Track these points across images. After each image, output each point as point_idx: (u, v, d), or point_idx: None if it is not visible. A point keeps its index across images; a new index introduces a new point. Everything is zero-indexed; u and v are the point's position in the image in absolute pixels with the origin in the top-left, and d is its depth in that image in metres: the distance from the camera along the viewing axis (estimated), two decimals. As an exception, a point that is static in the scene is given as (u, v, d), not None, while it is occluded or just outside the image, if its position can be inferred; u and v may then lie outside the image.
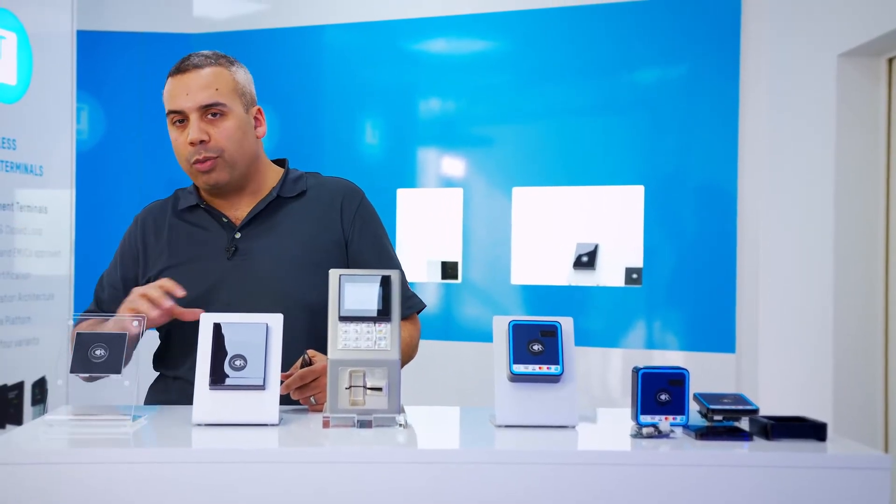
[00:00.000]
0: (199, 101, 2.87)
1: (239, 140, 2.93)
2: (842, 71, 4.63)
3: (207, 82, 2.89)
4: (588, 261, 5.87)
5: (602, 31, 5.76)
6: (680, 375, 2.26)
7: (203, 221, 3.00)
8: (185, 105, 2.87)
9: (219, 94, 2.89)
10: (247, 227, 2.96)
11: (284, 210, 3.00)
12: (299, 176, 3.09)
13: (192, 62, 2.91)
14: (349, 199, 3.05)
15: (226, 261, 2.92)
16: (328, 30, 6.26)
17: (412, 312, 3.06)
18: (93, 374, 2.31)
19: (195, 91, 2.87)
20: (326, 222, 2.99)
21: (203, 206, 3.01)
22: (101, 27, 6.20)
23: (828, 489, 2.04)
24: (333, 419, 2.28)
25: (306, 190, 3.04)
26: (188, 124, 2.88)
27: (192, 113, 2.87)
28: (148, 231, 3.07)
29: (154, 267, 2.98)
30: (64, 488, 2.01)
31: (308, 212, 3.00)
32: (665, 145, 5.61)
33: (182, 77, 2.90)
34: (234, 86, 2.94)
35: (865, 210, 4.66)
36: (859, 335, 4.65)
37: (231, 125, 2.91)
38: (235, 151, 2.92)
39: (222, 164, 2.90)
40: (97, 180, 6.15)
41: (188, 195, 3.05)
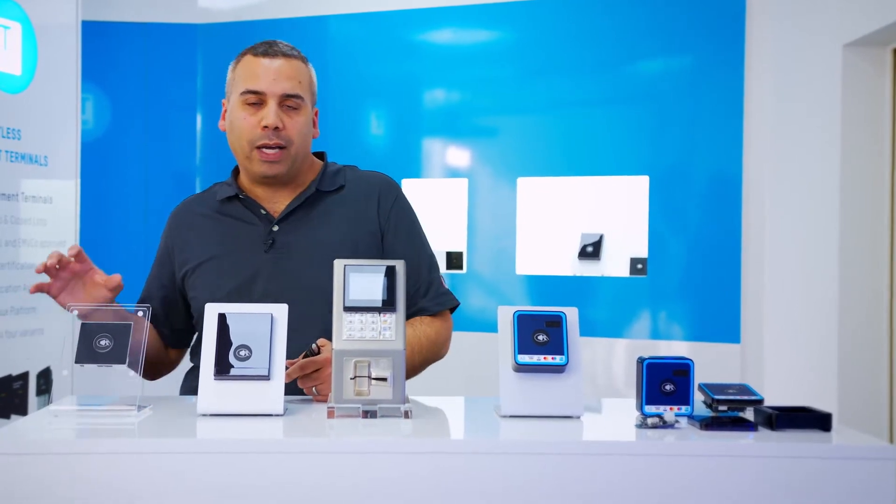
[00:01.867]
0: (284, 88, 2.89)
1: (305, 136, 2.96)
2: (847, 61, 4.63)
3: (293, 73, 2.92)
4: (593, 251, 5.86)
5: (607, 22, 5.75)
6: (685, 366, 2.26)
7: (241, 213, 3.00)
8: (269, 88, 2.88)
9: (301, 86, 2.92)
10: (284, 220, 2.96)
11: (323, 204, 3.00)
12: (338, 170, 3.09)
13: (281, 49, 2.94)
14: (386, 193, 3.05)
15: (263, 254, 2.92)
16: (332, 20, 6.25)
17: (443, 309, 3.03)
18: (98, 364, 2.31)
19: (282, 78, 2.89)
20: (363, 217, 2.99)
21: (242, 196, 3.00)
22: (105, 17, 6.20)
23: (833, 479, 2.04)
24: (338, 409, 2.28)
25: (344, 184, 3.04)
26: (262, 108, 2.89)
27: (271, 98, 2.88)
28: (182, 226, 3.07)
29: (192, 260, 2.99)
30: (69, 478, 2.02)
31: (346, 206, 3.00)
32: (670, 136, 5.61)
33: (270, 60, 2.91)
34: (309, 83, 2.98)
35: (871, 200, 4.66)
36: (864, 325, 4.65)
37: (303, 120, 2.93)
38: (300, 146, 2.94)
39: (287, 156, 2.91)
40: (102, 171, 6.15)
41: (226, 187, 3.05)
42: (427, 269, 3.03)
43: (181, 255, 3.02)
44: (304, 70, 2.96)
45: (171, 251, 3.05)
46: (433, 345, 2.95)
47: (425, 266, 3.03)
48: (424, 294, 2.99)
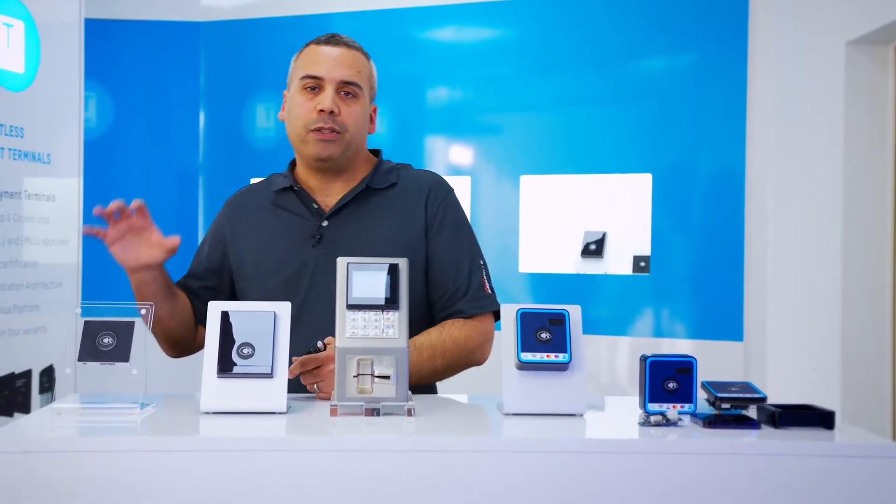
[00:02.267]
0: (342, 75, 2.93)
1: (361, 125, 3.00)
2: (850, 59, 4.63)
3: (353, 62, 2.97)
4: (596, 249, 5.87)
5: (610, 20, 5.75)
6: (688, 363, 2.26)
7: (293, 206, 3.02)
8: (328, 74, 2.93)
9: (359, 75, 2.97)
10: (334, 215, 2.97)
11: (373, 201, 3.01)
12: (391, 168, 3.10)
13: (343, 40, 3.00)
14: (435, 192, 3.05)
15: (310, 248, 2.94)
16: (336, 18, 6.25)
17: (479, 312, 2.96)
18: (101, 362, 2.31)
19: (341, 65, 2.94)
20: (412, 216, 2.99)
21: (296, 188, 3.03)
22: (108, 15, 6.20)
23: (836, 477, 2.04)
24: (341, 407, 2.28)
25: (396, 182, 3.05)
26: (320, 93, 2.93)
27: (329, 84, 2.93)
28: (237, 215, 3.10)
29: (243, 251, 3.03)
30: (72, 476, 2.02)
31: (395, 204, 3.01)
32: (673, 134, 5.61)
33: (331, 49, 2.97)
34: (369, 75, 3.02)
35: (874, 198, 4.66)
36: (867, 323, 4.65)
37: (359, 109, 2.97)
38: (355, 134, 2.97)
39: (341, 141, 2.94)
40: (105, 168, 6.15)
41: (282, 178, 3.08)
42: (468, 270, 2.99)
43: (233, 243, 3.05)
44: (365, 62, 3.01)
45: (223, 237, 3.08)
46: (461, 349, 2.89)
47: (465, 268, 2.99)
48: (462, 296, 2.95)
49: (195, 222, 6.34)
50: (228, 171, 6.31)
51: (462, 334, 2.90)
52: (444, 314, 2.95)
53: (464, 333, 2.91)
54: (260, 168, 6.20)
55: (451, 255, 2.98)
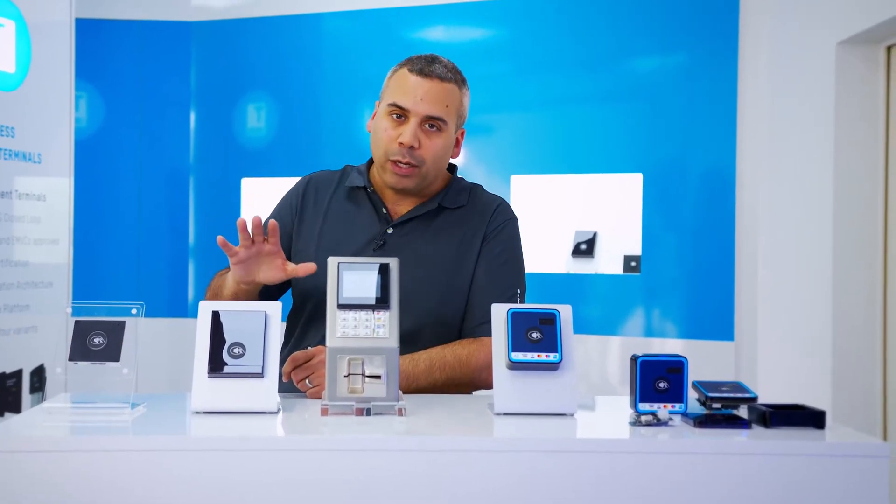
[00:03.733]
0: (427, 110, 2.91)
1: (441, 157, 2.98)
2: (841, 59, 4.63)
3: (442, 96, 2.94)
4: (587, 249, 5.87)
5: (601, 19, 5.76)
6: (679, 363, 2.26)
7: (364, 205, 3.04)
8: (414, 108, 2.91)
9: (446, 111, 2.94)
10: (401, 225, 2.99)
11: (440, 219, 3.02)
12: (463, 188, 3.12)
13: (438, 71, 2.96)
14: (496, 217, 3.08)
15: (371, 251, 2.94)
16: (327, 18, 6.25)
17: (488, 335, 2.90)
18: (91, 361, 2.31)
19: (429, 100, 2.92)
20: (471, 239, 3.01)
21: (370, 189, 3.04)
22: (99, 15, 6.19)
23: (826, 477, 2.04)
24: (332, 407, 2.28)
25: (465, 204, 3.07)
26: (405, 123, 2.92)
27: (414, 117, 2.91)
28: (310, 194, 3.11)
29: (306, 235, 3.04)
30: (62, 476, 2.01)
31: (460, 226, 3.02)
32: (664, 133, 5.61)
33: (424, 80, 2.94)
34: (458, 106, 3.00)
35: (864, 198, 4.66)
36: (858, 323, 4.66)
37: (441, 143, 2.95)
38: (433, 167, 2.96)
39: (418, 174, 2.94)
40: (96, 168, 6.15)
41: (358, 175, 3.08)
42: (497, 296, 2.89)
43: (300, 224, 3.07)
44: (455, 94, 2.98)
45: (294, 213, 3.08)
46: (462, 365, 2.86)
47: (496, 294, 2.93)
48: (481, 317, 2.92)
49: (186, 222, 6.34)
50: (219, 170, 6.31)
51: (466, 351, 2.89)
52: (462, 335, 2.96)
53: (468, 351, 2.89)
54: (251, 168, 6.21)
55: (488, 280, 2.98)
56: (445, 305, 2.93)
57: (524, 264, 3.14)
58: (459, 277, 2.94)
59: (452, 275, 2.91)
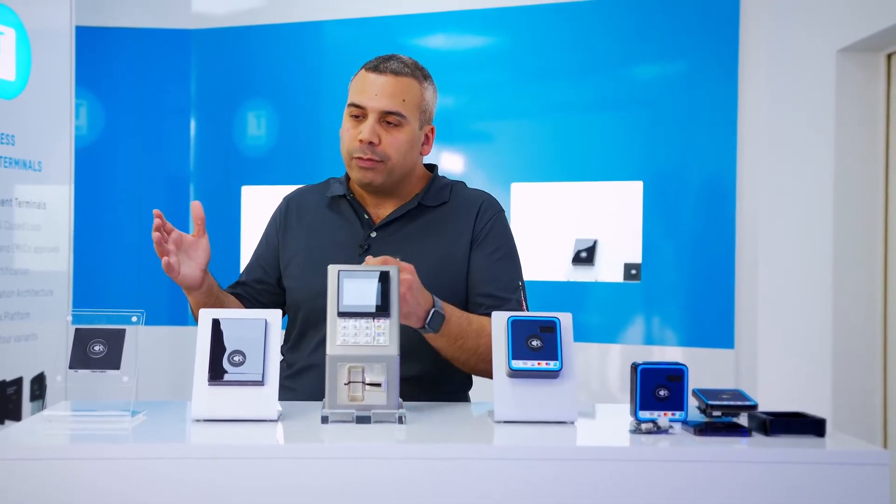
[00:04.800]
0: (382, 105, 2.94)
1: (405, 153, 2.98)
2: (841, 67, 4.63)
3: (397, 90, 2.97)
4: (587, 256, 5.87)
5: (601, 27, 5.76)
6: (679, 371, 2.26)
7: (346, 213, 3.06)
8: (369, 104, 2.94)
9: (403, 105, 2.96)
10: (384, 227, 3.00)
11: (424, 218, 3.03)
12: (444, 185, 3.12)
13: (392, 66, 3.00)
14: (484, 210, 3.06)
15: (356, 257, 2.94)
16: (327, 25, 6.26)
17: None
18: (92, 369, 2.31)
19: (383, 95, 2.95)
20: (459, 234, 3.00)
21: (349, 197, 3.06)
22: (99, 23, 6.20)
23: (827, 485, 2.04)
24: (332, 415, 2.28)
25: (448, 201, 3.07)
26: (363, 121, 2.95)
27: (371, 113, 2.94)
28: (292, 212, 3.15)
29: (292, 248, 3.07)
30: (62, 484, 2.01)
31: (445, 222, 3.02)
32: (664, 141, 5.62)
33: (377, 77, 2.98)
34: (419, 101, 3.03)
35: (864, 206, 4.66)
36: (858, 331, 4.66)
37: (402, 137, 2.97)
38: (398, 162, 2.96)
39: (382, 168, 2.95)
40: (96, 176, 6.16)
41: (338, 185, 3.11)
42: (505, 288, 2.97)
43: (284, 237, 3.11)
44: (414, 88, 3.02)
45: (280, 232, 3.12)
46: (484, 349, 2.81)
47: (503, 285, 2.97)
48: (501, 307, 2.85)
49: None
50: (219, 178, 6.31)
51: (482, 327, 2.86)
52: None
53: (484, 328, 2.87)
54: (251, 175, 6.21)
55: (491, 268, 2.98)
56: None
57: (518, 253, 3.13)
58: (449, 276, 2.93)
59: (442, 273, 2.90)
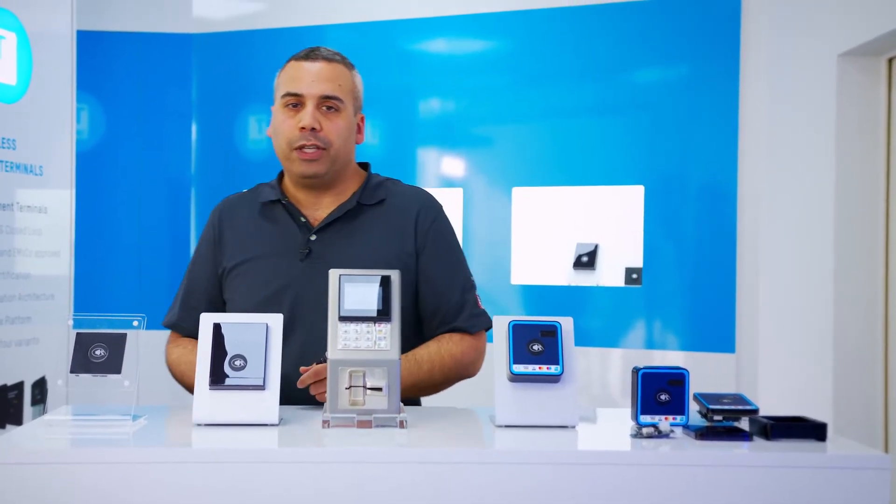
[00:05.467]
0: (321, 90, 2.93)
1: (345, 139, 2.99)
2: (842, 71, 4.63)
3: (332, 75, 2.97)
4: (588, 261, 5.87)
5: (602, 32, 5.76)
6: (680, 375, 2.26)
7: (281, 218, 3.02)
8: (307, 90, 2.93)
9: (340, 89, 2.97)
10: (323, 230, 2.97)
11: (362, 217, 3.00)
12: (380, 182, 3.10)
13: (322, 53, 3.00)
14: (426, 211, 3.06)
15: (298, 262, 2.92)
16: (328, 30, 6.26)
17: (476, 330, 3.01)
18: (93, 373, 2.31)
19: (320, 80, 2.94)
20: (401, 234, 3.00)
21: (284, 202, 3.02)
22: (100, 27, 6.20)
23: (828, 489, 2.04)
24: (333, 419, 2.28)
25: (385, 198, 3.05)
26: (301, 110, 2.93)
27: (310, 100, 2.92)
28: (225, 223, 3.09)
29: (231, 259, 3.01)
30: (63, 488, 2.01)
31: (385, 221, 3.01)
32: (665, 145, 5.61)
33: (310, 64, 2.97)
34: (351, 87, 3.03)
35: (865, 210, 4.66)
36: (859, 335, 4.65)
37: (342, 123, 2.97)
38: (340, 148, 2.97)
39: (326, 157, 2.94)
40: (97, 180, 6.15)
41: (270, 189, 3.07)
42: (461, 289, 3.02)
43: (222, 251, 3.05)
44: (346, 74, 3.03)
45: (215, 246, 3.07)
46: (457, 363, 2.93)
47: (458, 287, 3.02)
48: (459, 313, 2.98)
49: (187, 234, 6.34)
50: (221, 182, 6.30)
51: (459, 350, 2.93)
52: (441, 331, 2.96)
53: (461, 349, 2.94)
54: (252, 179, 6.17)
55: (444, 274, 2.99)
56: None
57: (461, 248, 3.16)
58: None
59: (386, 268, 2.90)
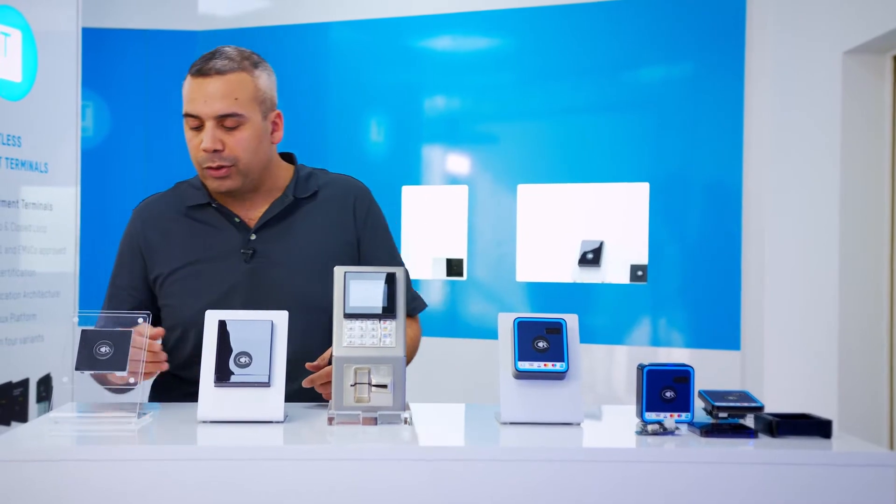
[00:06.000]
0: (216, 110, 2.79)
1: (254, 149, 2.86)
2: (847, 68, 4.63)
3: (227, 90, 2.81)
4: (593, 258, 5.87)
5: (607, 29, 5.76)
6: (685, 373, 2.26)
7: (214, 221, 2.93)
8: (203, 111, 2.79)
9: (237, 103, 2.81)
10: (262, 229, 2.91)
11: (299, 211, 2.95)
12: (309, 174, 3.03)
13: (216, 66, 2.82)
14: (361, 199, 3.02)
15: (242, 263, 2.86)
16: (333, 27, 6.26)
17: (418, 312, 3.06)
18: (98, 371, 2.31)
19: (214, 99, 2.79)
20: (340, 223, 2.97)
21: (215, 205, 2.93)
22: (106, 24, 6.20)
23: (833, 486, 2.04)
24: (338, 416, 2.28)
25: (318, 189, 2.99)
26: (202, 130, 2.81)
27: (208, 120, 2.80)
28: (150, 227, 2.98)
29: (164, 266, 2.91)
30: (68, 485, 2.01)
31: (322, 213, 2.97)
32: (670, 143, 5.61)
33: (203, 81, 2.81)
34: (254, 93, 2.86)
35: (871, 207, 4.66)
36: (864, 332, 4.65)
37: (247, 135, 2.84)
38: (249, 160, 2.85)
39: (235, 172, 2.84)
40: (102, 177, 6.16)
41: (196, 192, 2.96)
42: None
43: (151, 257, 2.95)
44: (245, 81, 2.86)
45: (140, 251, 2.97)
46: (413, 347, 2.98)
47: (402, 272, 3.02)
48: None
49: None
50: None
51: (412, 332, 2.97)
52: None
53: (413, 331, 2.98)
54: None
55: (387, 259, 2.99)
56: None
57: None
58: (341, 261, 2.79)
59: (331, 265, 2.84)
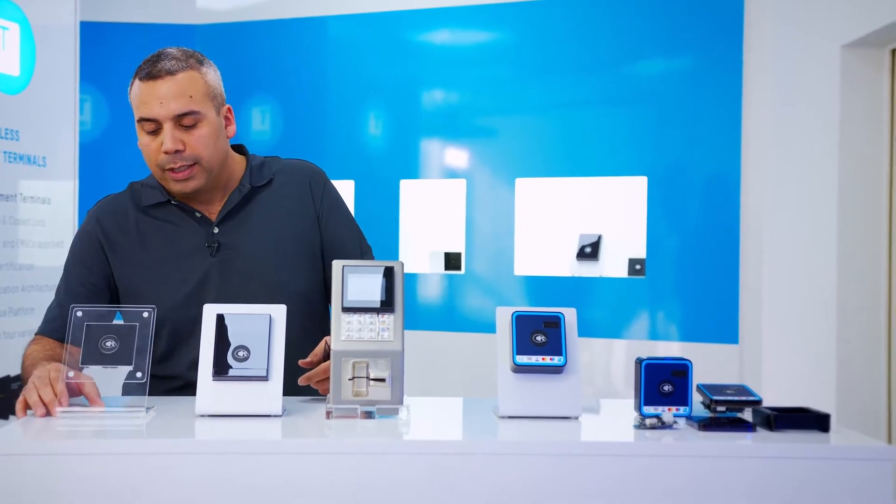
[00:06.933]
0: (173, 110, 2.77)
1: (213, 145, 2.85)
2: (845, 62, 4.63)
3: (181, 89, 2.79)
4: (591, 252, 5.87)
5: (606, 23, 5.76)
6: (683, 366, 2.26)
7: (174, 217, 2.92)
8: (159, 113, 2.77)
9: (193, 101, 2.80)
10: (223, 221, 2.91)
11: (256, 200, 2.96)
12: (262, 162, 3.04)
13: (165, 67, 2.79)
14: (315, 180, 3.04)
15: (209, 257, 2.87)
16: (331, 21, 6.25)
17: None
18: (103, 365, 2.31)
19: (169, 99, 2.77)
20: (300, 206, 2.98)
21: (174, 202, 2.91)
22: (104, 18, 6.20)
23: (831, 480, 2.04)
24: (336, 410, 2.28)
25: (272, 177, 3.00)
26: (160, 132, 2.79)
27: (165, 122, 2.78)
28: (109, 228, 2.97)
29: (129, 265, 2.90)
30: (68, 479, 2.01)
31: (280, 199, 2.98)
32: (668, 136, 5.61)
33: (154, 84, 2.79)
34: (206, 90, 2.85)
35: (869, 201, 4.66)
36: (862, 326, 4.65)
37: (205, 132, 2.83)
38: (211, 157, 2.84)
39: (199, 171, 2.83)
40: (100, 171, 6.14)
41: (152, 191, 2.95)
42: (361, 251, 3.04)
43: (114, 256, 2.93)
44: (195, 79, 2.84)
45: (102, 249, 2.95)
46: None
47: (365, 248, 3.06)
48: None
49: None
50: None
51: None
52: None
53: None
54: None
55: (349, 238, 3.01)
56: (306, 282, 2.93)
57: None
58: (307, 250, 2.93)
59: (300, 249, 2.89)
